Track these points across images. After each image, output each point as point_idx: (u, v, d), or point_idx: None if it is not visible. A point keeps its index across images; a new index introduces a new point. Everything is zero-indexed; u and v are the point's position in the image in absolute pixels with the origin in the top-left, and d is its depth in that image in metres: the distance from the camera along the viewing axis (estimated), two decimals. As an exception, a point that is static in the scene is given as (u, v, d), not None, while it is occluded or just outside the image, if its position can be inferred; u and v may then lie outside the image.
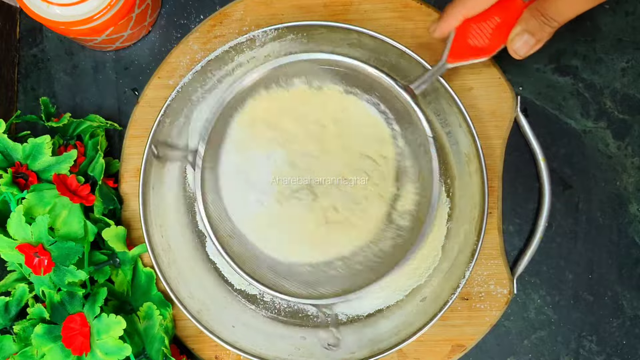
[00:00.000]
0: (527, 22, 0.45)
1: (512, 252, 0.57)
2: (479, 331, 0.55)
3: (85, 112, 0.59)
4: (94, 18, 0.50)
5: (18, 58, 0.60)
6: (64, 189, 0.50)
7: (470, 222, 0.52)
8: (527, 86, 0.57)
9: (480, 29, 0.46)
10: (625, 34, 0.57)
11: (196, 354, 0.56)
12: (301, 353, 0.53)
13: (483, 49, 0.47)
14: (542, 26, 0.45)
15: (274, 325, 0.55)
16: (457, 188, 0.54)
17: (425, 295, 0.53)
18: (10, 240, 0.49)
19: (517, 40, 0.46)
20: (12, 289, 0.53)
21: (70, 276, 0.49)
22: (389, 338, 0.52)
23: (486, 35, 0.46)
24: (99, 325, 0.49)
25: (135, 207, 0.56)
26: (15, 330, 0.51)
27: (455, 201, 0.54)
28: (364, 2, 0.56)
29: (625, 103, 0.57)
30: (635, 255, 0.56)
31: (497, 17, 0.46)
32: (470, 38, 0.47)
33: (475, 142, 0.51)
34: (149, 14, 0.56)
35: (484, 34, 0.46)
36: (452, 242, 0.53)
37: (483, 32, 0.47)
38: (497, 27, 0.46)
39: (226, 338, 0.52)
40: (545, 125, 0.57)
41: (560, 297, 0.56)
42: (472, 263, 0.51)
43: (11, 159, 0.52)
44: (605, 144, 0.57)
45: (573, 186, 0.57)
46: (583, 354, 0.56)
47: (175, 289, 0.53)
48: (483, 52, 0.47)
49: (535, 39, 0.46)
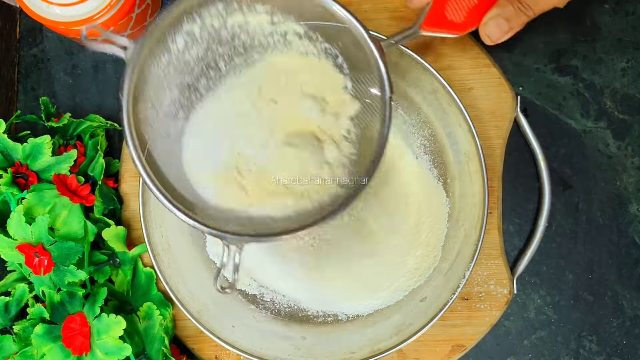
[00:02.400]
0: (503, 8, 0.45)
1: (512, 252, 0.57)
2: (479, 331, 0.55)
3: (85, 112, 0.59)
4: (94, 18, 0.50)
5: (18, 58, 0.60)
6: (64, 189, 0.50)
7: (470, 222, 0.52)
8: (527, 86, 0.57)
9: (457, 5, 0.46)
10: (625, 34, 0.57)
11: (196, 354, 0.56)
12: (301, 353, 0.53)
13: (457, 25, 0.47)
14: (517, 13, 0.45)
15: (274, 325, 0.55)
16: (457, 188, 0.54)
17: (425, 295, 0.53)
18: (10, 240, 0.49)
19: (490, 24, 0.46)
20: (12, 289, 0.53)
21: (70, 276, 0.49)
22: (389, 338, 0.52)
23: (462, 12, 0.46)
24: (99, 325, 0.49)
25: (135, 207, 0.56)
26: (15, 330, 0.51)
27: (455, 201, 0.54)
28: (364, 2, 0.56)
29: (625, 103, 0.57)
30: (635, 255, 0.56)
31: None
32: (447, 11, 0.47)
33: (475, 142, 0.51)
34: (149, 14, 0.56)
35: (461, 10, 0.46)
36: (452, 242, 0.53)
37: (460, 8, 0.46)
38: (474, 7, 0.46)
39: (226, 338, 0.52)
40: (545, 125, 0.57)
41: (560, 297, 0.56)
42: (472, 263, 0.51)
43: (11, 159, 0.52)
44: (605, 144, 0.57)
45: (573, 186, 0.57)
46: (583, 354, 0.56)
47: (175, 289, 0.53)
48: (457, 28, 0.47)
49: (508, 26, 0.46)
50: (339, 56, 0.48)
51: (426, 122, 0.55)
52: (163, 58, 0.45)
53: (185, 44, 0.46)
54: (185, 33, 0.46)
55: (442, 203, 0.54)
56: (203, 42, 0.47)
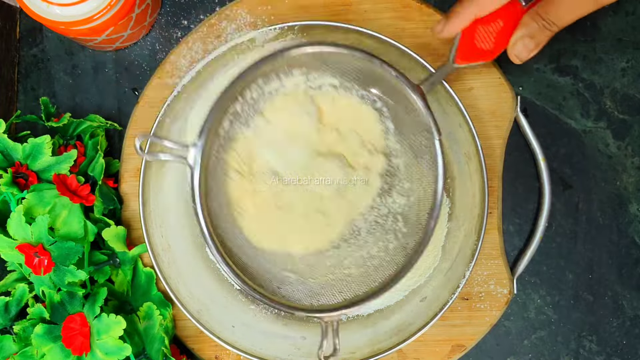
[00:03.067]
0: (527, 26, 0.46)
1: (512, 252, 0.57)
2: (479, 331, 0.55)
3: (85, 112, 0.59)
4: (94, 18, 0.50)
5: (18, 58, 0.60)
6: (64, 189, 0.50)
7: (470, 222, 0.52)
8: (527, 86, 0.57)
9: (486, 32, 0.47)
10: (625, 34, 0.57)
11: (196, 354, 0.56)
12: (301, 353, 0.53)
13: (488, 52, 0.48)
14: (542, 30, 0.46)
15: (274, 325, 0.55)
16: (457, 188, 0.54)
17: (425, 295, 0.53)
18: (10, 240, 0.49)
19: (518, 44, 0.47)
20: (12, 289, 0.53)
21: (70, 276, 0.49)
22: (389, 338, 0.52)
23: (491, 37, 0.47)
24: (99, 325, 0.49)
25: (135, 207, 0.56)
26: (15, 330, 0.51)
27: (455, 201, 0.54)
28: (364, 2, 0.56)
29: (625, 103, 0.57)
30: (635, 255, 0.56)
31: (501, 21, 0.47)
32: (477, 40, 0.47)
33: (475, 142, 0.51)
34: (149, 14, 0.56)
35: (490, 36, 0.47)
36: (452, 242, 0.53)
37: (488, 35, 0.47)
38: (500, 31, 0.47)
39: (226, 338, 0.52)
40: (545, 125, 0.57)
41: (560, 297, 0.56)
42: (472, 263, 0.51)
43: (11, 159, 0.52)
44: (605, 144, 0.57)
45: (573, 186, 0.57)
46: (583, 354, 0.56)
47: (175, 289, 0.53)
48: (488, 54, 0.48)
49: (534, 43, 0.47)
50: (377, 101, 0.49)
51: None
52: (215, 145, 0.48)
53: (230, 122, 0.49)
54: (230, 114, 0.48)
55: (442, 203, 0.54)
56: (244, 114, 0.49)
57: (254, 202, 0.51)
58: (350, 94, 0.50)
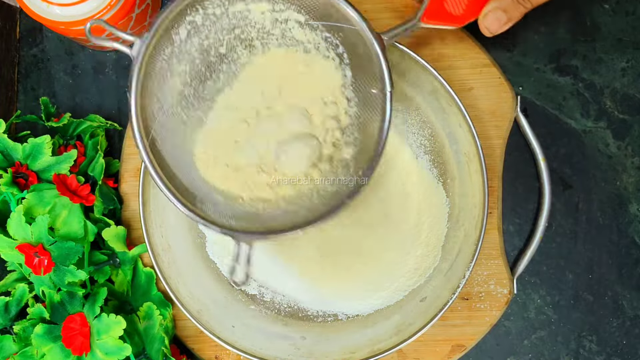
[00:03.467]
0: (501, 0, 0.46)
1: (512, 252, 0.57)
2: (479, 331, 0.55)
3: (85, 112, 0.59)
4: (94, 18, 0.50)
5: (18, 58, 0.60)
6: (64, 189, 0.50)
7: (470, 222, 0.52)
8: (527, 86, 0.57)
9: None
10: (625, 34, 0.57)
11: (196, 354, 0.56)
12: (301, 353, 0.53)
13: (456, 18, 0.47)
14: (515, 5, 0.46)
15: (274, 325, 0.55)
16: (457, 188, 0.54)
17: (425, 296, 0.53)
18: (10, 240, 0.49)
19: (489, 16, 0.46)
20: (12, 289, 0.53)
21: (70, 276, 0.49)
22: (389, 338, 0.52)
23: (462, 4, 0.47)
24: (99, 325, 0.49)
25: (135, 207, 0.56)
26: (15, 330, 0.51)
27: (455, 201, 0.54)
28: (364, 2, 0.56)
29: (625, 103, 0.57)
30: (635, 255, 0.56)
31: None
32: (447, 3, 0.47)
33: (475, 142, 0.51)
34: (149, 14, 0.56)
35: (460, 3, 0.47)
36: (452, 242, 0.53)
37: (459, 1, 0.47)
38: (472, 0, 0.47)
39: (226, 338, 0.52)
40: (545, 125, 0.57)
41: (560, 297, 0.56)
42: (472, 263, 0.51)
43: (11, 159, 0.52)
44: (605, 144, 0.57)
45: (573, 186, 0.57)
46: (583, 354, 0.56)
47: (175, 289, 0.53)
48: (456, 20, 0.47)
49: (507, 17, 0.46)
50: (339, 46, 0.48)
51: (426, 122, 0.55)
52: (167, 50, 0.46)
53: (187, 33, 0.46)
54: (187, 23, 0.46)
55: (442, 203, 0.54)
56: (205, 30, 0.47)
57: None
58: (315, 34, 0.48)
